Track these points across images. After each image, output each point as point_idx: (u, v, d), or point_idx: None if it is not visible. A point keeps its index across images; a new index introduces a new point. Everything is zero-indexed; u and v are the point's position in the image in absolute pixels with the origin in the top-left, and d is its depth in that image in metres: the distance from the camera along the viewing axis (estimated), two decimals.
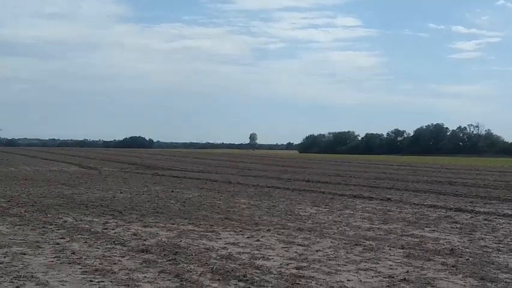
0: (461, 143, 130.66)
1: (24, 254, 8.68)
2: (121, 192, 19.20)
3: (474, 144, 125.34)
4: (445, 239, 10.86)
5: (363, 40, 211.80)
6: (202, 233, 10.88)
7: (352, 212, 14.81)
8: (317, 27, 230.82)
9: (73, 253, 8.77)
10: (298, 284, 7.19)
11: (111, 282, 7.13)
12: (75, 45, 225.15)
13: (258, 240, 10.20)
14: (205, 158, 61.45)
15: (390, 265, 8.37)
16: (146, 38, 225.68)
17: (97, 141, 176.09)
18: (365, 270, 8.03)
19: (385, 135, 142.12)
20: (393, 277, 7.65)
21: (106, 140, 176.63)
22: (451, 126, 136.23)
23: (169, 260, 8.31)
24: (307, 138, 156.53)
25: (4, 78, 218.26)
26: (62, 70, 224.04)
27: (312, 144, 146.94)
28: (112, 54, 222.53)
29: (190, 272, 7.63)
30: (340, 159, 70.69)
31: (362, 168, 42.61)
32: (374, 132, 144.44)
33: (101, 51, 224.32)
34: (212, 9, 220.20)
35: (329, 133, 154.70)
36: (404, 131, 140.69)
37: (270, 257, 8.73)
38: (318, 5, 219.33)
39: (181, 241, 9.97)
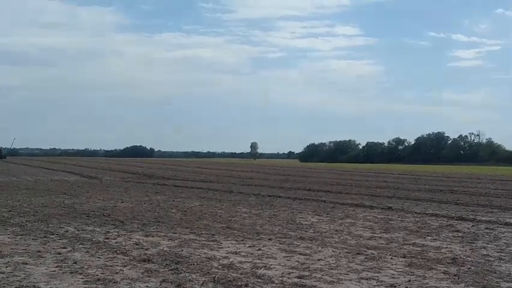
0: (462, 152, 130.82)
1: (26, 264, 8.69)
2: (122, 202, 19.21)
3: (475, 153, 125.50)
4: (447, 248, 10.85)
5: (363, 49, 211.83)
6: (204, 243, 10.87)
7: (353, 221, 14.80)
8: (317, 36, 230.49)
9: (75, 263, 8.77)
10: None
11: None
12: (74, 54, 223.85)
13: (259, 250, 10.19)
14: (206, 167, 61.41)
15: (392, 274, 8.36)
16: (146, 47, 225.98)
17: (98, 150, 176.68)
18: (366, 279, 8.03)
19: (386, 144, 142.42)
20: (395, 286, 7.65)
21: (107, 149, 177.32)
22: (452, 134, 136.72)
23: (171, 270, 8.31)
24: (308, 147, 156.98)
25: (3, 86, 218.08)
26: (62, 79, 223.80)
27: (313, 153, 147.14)
28: (112, 63, 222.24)
29: (192, 281, 7.63)
30: (341, 168, 70.67)
31: (363, 177, 42.58)
32: (375, 141, 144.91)
33: (101, 60, 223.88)
34: (212, 19, 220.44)
35: (330, 142, 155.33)
36: (405, 140, 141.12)
37: (272, 266, 8.72)
38: (317, 14, 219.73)
39: (182, 250, 9.97)
